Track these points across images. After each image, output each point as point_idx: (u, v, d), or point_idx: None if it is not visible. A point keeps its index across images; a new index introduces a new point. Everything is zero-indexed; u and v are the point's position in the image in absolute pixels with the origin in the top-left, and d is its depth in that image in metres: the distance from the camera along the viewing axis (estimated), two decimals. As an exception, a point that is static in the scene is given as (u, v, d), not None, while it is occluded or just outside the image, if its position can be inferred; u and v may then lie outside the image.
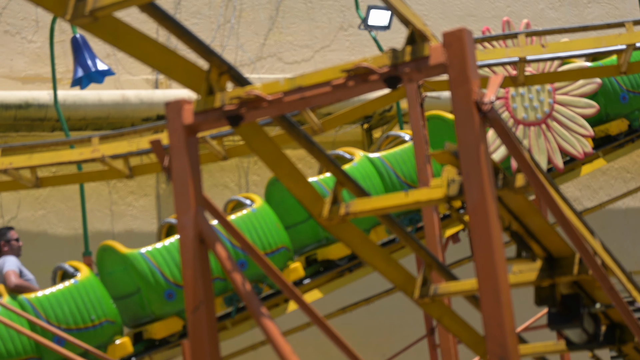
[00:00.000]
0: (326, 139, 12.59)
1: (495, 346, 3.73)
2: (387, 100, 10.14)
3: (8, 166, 9.59)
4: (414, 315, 11.13)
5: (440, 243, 8.22)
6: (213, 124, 4.35)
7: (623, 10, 15.28)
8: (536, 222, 5.01)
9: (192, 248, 4.21)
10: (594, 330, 5.67)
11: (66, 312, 8.63)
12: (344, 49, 13.54)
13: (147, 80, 12.51)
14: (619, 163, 14.50)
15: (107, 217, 11.92)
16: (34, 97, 11.48)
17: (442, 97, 11.07)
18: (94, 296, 8.76)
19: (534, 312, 9.45)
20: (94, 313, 8.74)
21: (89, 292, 8.76)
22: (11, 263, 9.10)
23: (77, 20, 3.99)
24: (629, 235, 14.44)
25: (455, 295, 5.61)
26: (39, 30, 12.14)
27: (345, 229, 5.16)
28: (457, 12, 14.35)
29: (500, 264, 3.78)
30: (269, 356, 10.00)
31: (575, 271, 5.22)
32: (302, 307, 4.58)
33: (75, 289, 8.76)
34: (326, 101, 4.21)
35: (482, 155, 3.83)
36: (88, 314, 8.68)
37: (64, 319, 8.60)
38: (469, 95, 3.85)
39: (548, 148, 10.22)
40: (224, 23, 13.05)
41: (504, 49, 9.74)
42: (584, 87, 10.46)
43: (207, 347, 4.15)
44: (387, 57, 4.02)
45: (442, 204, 4.80)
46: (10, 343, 8.44)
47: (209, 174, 12.19)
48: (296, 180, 4.93)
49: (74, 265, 9.04)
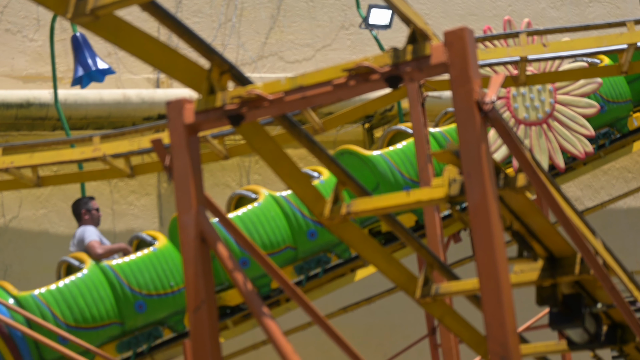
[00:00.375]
0: (327, 138, 12.59)
1: (497, 346, 3.73)
2: (388, 99, 10.14)
3: (9, 165, 9.60)
4: (415, 315, 11.12)
5: (442, 242, 8.22)
6: (214, 123, 4.35)
7: (624, 10, 15.27)
8: (537, 222, 5.01)
9: (193, 247, 4.21)
10: (596, 330, 5.67)
11: (147, 279, 8.83)
12: (345, 48, 13.54)
13: (148, 80, 12.51)
14: (620, 163, 14.49)
15: (109, 216, 11.92)
16: (35, 96, 11.48)
17: (444, 96, 11.06)
18: (172, 264, 8.96)
19: (536, 312, 9.44)
20: (173, 279, 8.92)
21: (167, 259, 8.96)
22: (92, 233, 9.27)
23: (78, 18, 3.99)
24: (630, 234, 14.43)
25: (457, 295, 5.61)
26: (40, 29, 12.13)
27: (347, 228, 5.15)
28: (458, 11, 14.35)
29: (502, 264, 3.78)
30: (270, 355, 10.00)
31: (577, 271, 5.21)
32: (303, 306, 4.58)
33: (155, 257, 8.97)
34: (327, 100, 4.21)
35: (483, 154, 3.83)
36: (167, 281, 8.85)
37: (145, 285, 8.80)
38: (470, 95, 3.85)
39: (549, 148, 10.22)
40: (225, 22, 13.04)
41: (505, 48, 9.73)
42: (585, 87, 10.45)
43: (209, 346, 4.15)
44: (388, 56, 4.02)
45: (443, 204, 4.79)
46: (95, 308, 8.64)
47: (210, 173, 12.19)
48: (297, 179, 4.93)
49: (151, 234, 9.23)
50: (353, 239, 5.21)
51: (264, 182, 10.88)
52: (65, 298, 8.60)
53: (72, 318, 8.53)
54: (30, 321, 8.37)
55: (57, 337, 8.38)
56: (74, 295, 8.61)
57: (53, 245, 11.61)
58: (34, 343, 8.43)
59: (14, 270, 11.44)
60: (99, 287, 8.66)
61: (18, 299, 8.57)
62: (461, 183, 4.59)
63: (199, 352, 4.15)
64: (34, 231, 11.63)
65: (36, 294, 8.59)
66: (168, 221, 11.96)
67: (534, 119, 10.25)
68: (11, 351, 8.41)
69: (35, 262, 11.51)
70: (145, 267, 8.84)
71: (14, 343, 8.45)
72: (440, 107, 10.98)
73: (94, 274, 8.72)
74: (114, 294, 8.68)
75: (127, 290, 8.71)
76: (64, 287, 8.64)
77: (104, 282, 8.70)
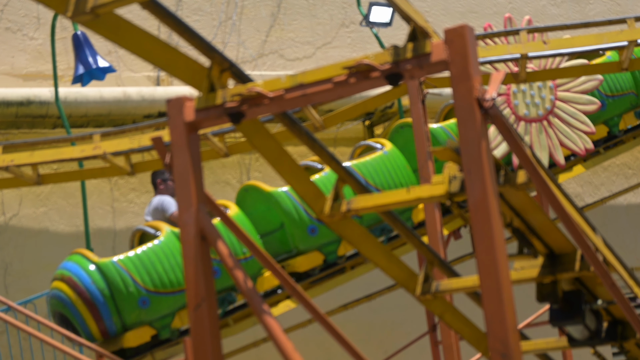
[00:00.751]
0: (328, 135, 12.59)
1: (497, 343, 3.73)
2: (388, 97, 10.14)
3: (9, 163, 9.60)
4: (416, 312, 11.13)
5: (442, 240, 8.23)
6: (214, 121, 4.35)
7: (625, 7, 15.27)
8: (538, 219, 5.01)
9: (193, 245, 4.21)
10: (596, 326, 5.68)
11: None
12: (346, 46, 13.54)
13: (148, 77, 12.51)
14: (620, 159, 14.50)
15: (109, 214, 11.93)
16: (35, 94, 11.48)
17: (444, 93, 11.06)
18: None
19: (536, 309, 9.45)
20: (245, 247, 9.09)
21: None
22: (172, 204, 9.52)
23: (78, 17, 3.99)
24: (631, 231, 14.44)
25: (457, 292, 5.61)
26: (40, 27, 12.14)
27: (347, 225, 5.16)
28: (458, 9, 14.35)
29: (502, 261, 3.78)
30: (270, 353, 10.01)
31: (577, 268, 5.22)
32: (303, 303, 4.58)
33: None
34: (328, 98, 4.21)
35: (483, 151, 3.83)
36: (240, 247, 9.06)
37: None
38: (470, 92, 3.85)
39: (549, 144, 10.22)
40: (226, 20, 13.04)
41: (505, 45, 9.73)
42: (585, 84, 10.45)
43: (209, 344, 4.15)
44: (388, 53, 4.02)
45: (443, 201, 4.80)
46: (172, 274, 8.91)
47: (210, 171, 12.19)
48: (298, 177, 4.93)
49: (224, 204, 9.46)
50: (353, 236, 5.21)
51: (264, 180, 10.87)
52: (144, 264, 8.86)
53: (151, 283, 8.80)
54: (112, 286, 8.69)
55: (137, 302, 8.71)
56: (152, 261, 8.87)
57: (53, 243, 11.62)
58: (115, 307, 8.73)
59: (14, 269, 11.45)
60: (176, 254, 8.93)
61: (99, 265, 8.81)
62: (461, 180, 4.60)
63: (199, 350, 4.16)
64: (34, 229, 11.64)
65: (116, 260, 8.85)
66: (168, 219, 11.97)
67: (535, 116, 10.25)
68: (93, 316, 8.71)
69: (36, 260, 11.51)
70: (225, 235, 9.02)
71: (96, 308, 8.74)
72: (441, 104, 10.98)
73: (171, 241, 8.99)
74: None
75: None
76: (142, 253, 8.90)
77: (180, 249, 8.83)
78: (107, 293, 8.71)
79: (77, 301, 8.73)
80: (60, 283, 8.85)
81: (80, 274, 8.78)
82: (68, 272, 8.84)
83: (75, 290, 8.73)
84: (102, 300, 8.70)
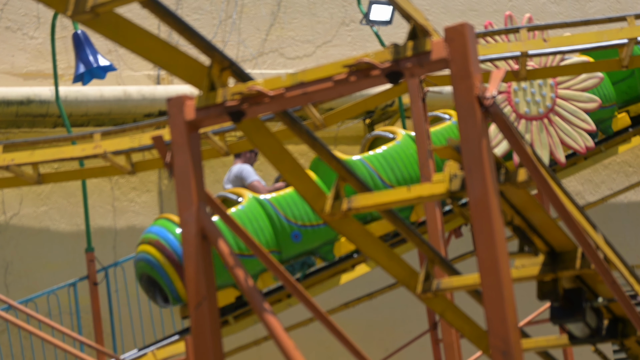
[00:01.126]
0: (328, 134, 12.59)
1: (498, 340, 3.73)
2: (389, 95, 10.13)
3: (10, 162, 9.59)
4: (417, 310, 11.14)
5: (443, 238, 8.22)
6: (215, 119, 4.35)
7: (625, 4, 15.27)
8: (538, 217, 5.01)
9: (194, 244, 4.21)
10: (597, 324, 5.68)
11: (301, 210, 9.36)
12: (346, 44, 13.54)
13: (148, 76, 12.51)
14: (621, 157, 14.50)
15: (110, 213, 11.93)
16: (35, 93, 11.48)
17: (444, 91, 11.06)
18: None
19: (537, 307, 9.45)
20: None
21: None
22: (252, 173, 9.73)
23: (78, 16, 3.99)
24: (631, 229, 14.43)
25: (458, 290, 5.61)
26: (40, 26, 12.14)
27: (348, 224, 5.16)
28: (458, 7, 14.34)
29: (503, 259, 3.78)
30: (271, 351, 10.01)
31: (578, 265, 5.22)
32: (304, 302, 4.58)
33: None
34: (328, 96, 4.21)
35: (484, 150, 3.83)
36: (309, 216, 9.33)
37: (300, 217, 9.36)
38: (471, 90, 3.85)
39: (550, 142, 10.22)
40: (226, 18, 13.04)
41: (505, 43, 9.72)
42: (586, 82, 10.45)
43: (210, 342, 4.15)
44: (388, 52, 4.02)
45: (444, 199, 4.80)
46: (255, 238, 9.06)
47: (211, 170, 12.20)
48: (298, 175, 4.93)
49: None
50: (354, 234, 5.21)
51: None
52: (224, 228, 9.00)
53: (236, 246, 8.97)
54: None
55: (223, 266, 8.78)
56: None
57: (54, 242, 11.63)
58: None
59: (14, 267, 11.45)
60: (259, 219, 9.20)
61: None
62: (462, 178, 4.60)
63: (200, 348, 4.16)
64: (34, 228, 11.64)
65: None
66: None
67: (535, 114, 10.25)
68: (181, 278, 8.87)
69: (36, 259, 11.52)
70: (299, 200, 9.33)
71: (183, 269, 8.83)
72: (441, 103, 10.98)
73: (253, 207, 9.24)
74: (272, 225, 9.23)
75: (284, 221, 9.26)
76: None
77: (262, 214, 9.26)
78: None
79: (165, 263, 8.90)
80: (147, 246, 9.04)
81: (167, 236, 8.97)
82: (155, 235, 9.04)
83: (163, 252, 8.92)
84: None
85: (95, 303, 10.22)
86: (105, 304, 10.63)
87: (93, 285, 10.28)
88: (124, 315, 11.09)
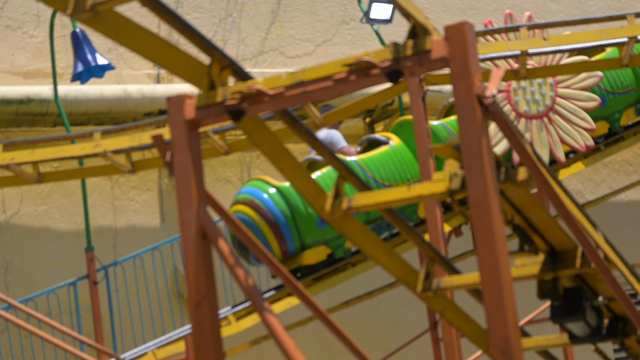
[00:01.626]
0: (328, 133, 12.57)
1: (498, 340, 3.73)
2: (388, 94, 10.13)
3: (10, 161, 9.59)
4: (417, 309, 11.14)
5: (443, 237, 8.22)
6: (215, 118, 4.35)
7: (625, 3, 15.27)
8: (538, 216, 5.01)
9: (194, 243, 4.21)
10: (597, 323, 5.68)
11: (387, 171, 9.61)
12: (346, 43, 13.54)
13: (148, 75, 12.51)
14: (621, 156, 14.50)
15: (110, 212, 11.93)
16: (35, 92, 11.48)
17: (444, 90, 11.06)
18: (407, 159, 9.78)
19: (537, 306, 9.45)
20: (409, 173, 9.74)
21: (402, 155, 9.78)
22: (341, 138, 9.89)
23: (77, 15, 3.98)
24: (631, 227, 14.44)
25: (458, 289, 5.61)
26: (40, 25, 12.13)
27: (348, 223, 5.16)
28: (458, 5, 14.34)
29: (503, 258, 3.78)
30: (271, 351, 10.02)
31: (578, 264, 5.22)
32: (304, 301, 4.58)
33: (393, 153, 9.76)
34: (328, 95, 4.20)
35: (484, 148, 3.82)
36: (405, 174, 9.61)
37: (387, 177, 9.57)
38: (470, 89, 3.84)
39: (550, 141, 10.22)
40: (226, 17, 13.04)
41: (505, 42, 9.72)
42: (586, 81, 10.44)
43: (210, 342, 4.15)
44: (388, 51, 4.02)
45: (444, 198, 4.80)
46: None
47: (211, 169, 12.19)
48: (298, 174, 4.93)
49: (384, 135, 9.95)
50: (354, 233, 5.21)
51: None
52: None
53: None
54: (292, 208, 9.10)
55: (316, 222, 9.13)
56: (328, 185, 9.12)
57: (54, 241, 11.63)
58: (296, 228, 9.13)
59: (14, 267, 11.45)
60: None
61: (279, 189, 9.21)
62: (462, 177, 4.60)
63: (200, 347, 4.16)
64: (34, 227, 11.64)
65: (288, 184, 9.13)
66: (169, 217, 11.99)
67: (535, 113, 10.24)
68: (275, 236, 9.09)
69: (36, 258, 11.52)
70: (385, 161, 9.56)
71: (278, 228, 9.13)
72: (441, 101, 10.97)
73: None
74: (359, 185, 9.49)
75: (371, 182, 9.41)
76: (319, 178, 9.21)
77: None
78: (288, 214, 9.10)
79: (260, 222, 9.07)
80: (242, 206, 9.17)
81: (261, 196, 9.14)
82: (250, 195, 9.17)
83: (258, 211, 9.09)
84: (284, 220, 9.08)
85: (95, 302, 10.22)
86: (105, 303, 10.63)
87: (93, 284, 10.28)
88: (124, 314, 11.09)
